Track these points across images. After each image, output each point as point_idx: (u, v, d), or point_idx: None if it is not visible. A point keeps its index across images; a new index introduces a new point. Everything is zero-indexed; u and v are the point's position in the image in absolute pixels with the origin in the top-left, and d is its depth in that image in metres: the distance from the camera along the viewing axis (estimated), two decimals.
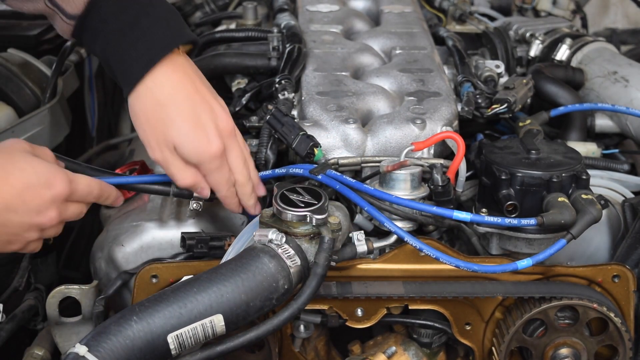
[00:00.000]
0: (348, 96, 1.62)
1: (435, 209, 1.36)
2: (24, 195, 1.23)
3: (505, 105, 1.65)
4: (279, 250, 1.27)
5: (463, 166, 1.46)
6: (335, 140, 1.53)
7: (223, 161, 1.35)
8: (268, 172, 1.47)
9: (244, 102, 1.70)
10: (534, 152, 1.45)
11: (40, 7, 1.36)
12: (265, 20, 2.18)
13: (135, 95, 1.32)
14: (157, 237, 1.50)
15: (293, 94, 1.64)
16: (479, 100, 1.65)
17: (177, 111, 1.32)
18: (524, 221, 1.35)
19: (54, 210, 1.27)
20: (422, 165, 1.45)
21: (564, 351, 1.43)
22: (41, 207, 1.25)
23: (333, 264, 1.29)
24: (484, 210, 1.44)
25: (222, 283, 1.22)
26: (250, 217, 1.45)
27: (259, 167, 1.55)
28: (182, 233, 1.46)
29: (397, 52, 1.83)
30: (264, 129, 1.54)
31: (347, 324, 1.44)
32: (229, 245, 1.39)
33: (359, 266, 1.42)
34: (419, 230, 1.49)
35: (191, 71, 1.36)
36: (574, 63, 1.97)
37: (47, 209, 1.26)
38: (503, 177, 1.41)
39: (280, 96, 1.62)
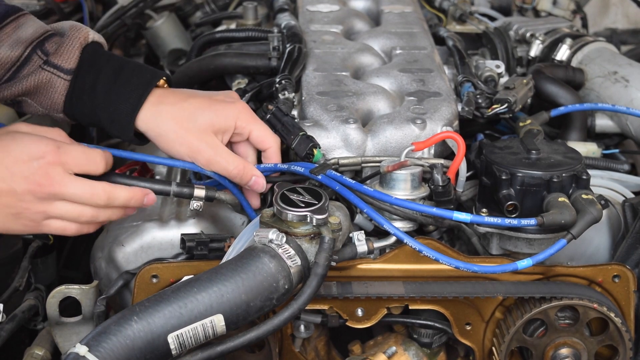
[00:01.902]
0: (348, 96, 1.62)
1: (435, 210, 1.36)
2: (12, 167, 1.27)
3: (505, 105, 1.65)
4: (280, 250, 1.27)
5: (463, 166, 1.46)
6: (336, 140, 1.53)
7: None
8: (270, 166, 1.47)
9: (244, 102, 1.70)
10: (534, 152, 1.45)
11: (36, 78, 1.43)
12: (266, 20, 2.18)
13: (147, 117, 1.41)
14: (157, 237, 1.50)
15: (293, 94, 1.64)
16: (479, 100, 1.65)
17: (193, 100, 1.44)
18: (524, 221, 1.35)
19: (42, 174, 1.29)
20: (422, 165, 1.45)
21: (564, 351, 1.43)
22: (25, 172, 1.28)
23: (333, 264, 1.29)
24: (484, 210, 1.44)
25: (223, 283, 1.22)
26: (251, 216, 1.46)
27: None
28: (181, 235, 1.46)
29: (398, 52, 1.83)
30: None
31: (347, 324, 1.44)
32: (229, 246, 1.39)
33: (359, 266, 1.42)
34: (420, 230, 1.49)
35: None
36: (574, 63, 1.97)
37: (34, 174, 1.28)
38: (503, 177, 1.41)
39: (281, 96, 1.62)
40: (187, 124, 1.41)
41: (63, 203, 1.31)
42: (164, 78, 1.46)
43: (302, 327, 1.47)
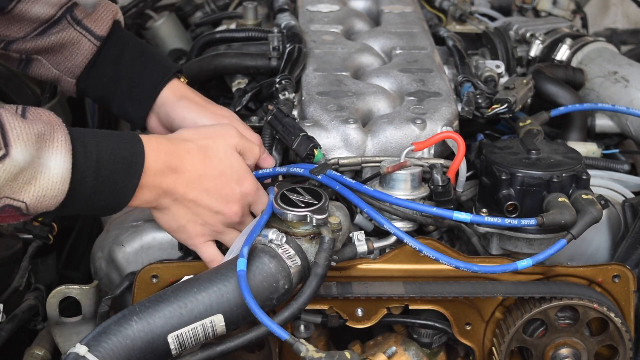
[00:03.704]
0: (348, 96, 1.62)
1: (435, 210, 1.36)
2: (217, 181, 1.32)
3: (505, 105, 1.65)
4: (279, 251, 1.27)
5: (463, 166, 1.46)
6: (336, 141, 1.53)
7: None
8: (269, 171, 1.47)
9: (244, 102, 1.70)
10: (534, 152, 1.45)
11: (65, 35, 1.51)
12: (266, 20, 2.18)
13: (172, 88, 1.55)
14: (157, 237, 1.50)
15: (293, 94, 1.64)
16: (479, 100, 1.65)
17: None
18: (524, 221, 1.35)
19: (238, 205, 1.34)
20: (422, 166, 1.45)
21: (564, 351, 1.43)
22: (229, 197, 1.33)
23: (333, 264, 1.29)
24: (484, 210, 1.44)
25: (223, 283, 1.22)
26: None
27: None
28: None
29: (397, 52, 1.83)
30: (266, 129, 1.54)
31: (347, 324, 1.44)
32: None
33: (359, 266, 1.42)
34: (420, 230, 1.49)
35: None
36: (574, 63, 1.97)
37: (234, 202, 1.34)
38: (503, 177, 1.41)
39: (281, 96, 1.62)
40: (206, 101, 1.55)
41: (234, 233, 1.36)
42: (183, 77, 1.60)
43: (302, 327, 1.47)
